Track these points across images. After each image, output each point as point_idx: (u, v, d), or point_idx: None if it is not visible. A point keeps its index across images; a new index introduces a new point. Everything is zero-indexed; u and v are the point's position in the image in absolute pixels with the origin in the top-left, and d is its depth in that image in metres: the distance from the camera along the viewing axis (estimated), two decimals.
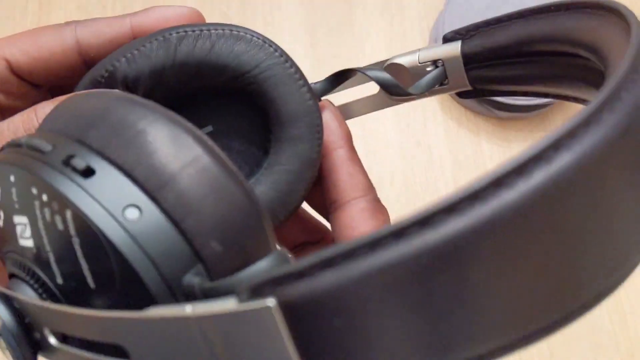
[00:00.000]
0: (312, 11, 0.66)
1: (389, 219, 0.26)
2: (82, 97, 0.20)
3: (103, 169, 0.17)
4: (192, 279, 0.17)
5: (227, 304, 0.13)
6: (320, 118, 0.26)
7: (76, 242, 0.17)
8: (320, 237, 0.28)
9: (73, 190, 0.17)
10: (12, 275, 0.19)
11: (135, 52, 0.24)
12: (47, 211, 0.17)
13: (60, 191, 0.16)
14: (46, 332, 0.17)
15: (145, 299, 0.16)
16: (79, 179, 0.17)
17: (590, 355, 0.55)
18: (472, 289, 0.11)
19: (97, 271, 0.17)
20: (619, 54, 0.16)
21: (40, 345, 0.18)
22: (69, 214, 0.17)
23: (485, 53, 0.25)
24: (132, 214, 0.16)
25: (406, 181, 0.60)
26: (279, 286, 0.12)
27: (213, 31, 0.24)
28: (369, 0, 0.66)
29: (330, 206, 0.27)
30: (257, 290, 0.13)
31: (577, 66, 0.22)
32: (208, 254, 0.17)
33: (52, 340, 0.17)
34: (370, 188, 0.26)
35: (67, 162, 0.17)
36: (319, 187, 0.27)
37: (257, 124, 0.27)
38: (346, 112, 0.30)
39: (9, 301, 0.17)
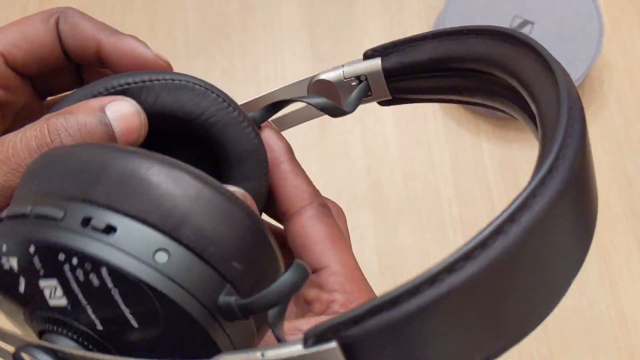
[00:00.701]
0: (312, 11, 0.66)
1: (334, 219, 0.29)
2: (67, 151, 0.21)
3: (121, 223, 0.19)
4: (227, 298, 0.19)
5: (295, 349, 0.16)
6: (265, 154, 0.28)
7: (115, 292, 0.18)
8: (282, 242, 0.30)
9: (102, 249, 0.18)
10: (43, 332, 0.20)
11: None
12: (79, 272, 0.18)
13: (92, 253, 0.18)
14: None
15: (190, 326, 0.18)
16: (104, 237, 0.18)
17: (590, 355, 0.55)
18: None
19: (139, 312, 0.18)
20: (540, 88, 0.21)
21: None
22: (104, 271, 0.18)
23: (403, 68, 0.28)
24: (161, 257, 0.18)
25: (406, 181, 0.60)
26: (338, 331, 0.15)
27: (156, 82, 0.26)
28: (369, 0, 0.66)
29: (282, 217, 0.29)
30: (321, 336, 0.16)
31: (490, 82, 0.25)
32: (232, 274, 0.19)
33: None
34: (314, 195, 0.28)
35: (86, 224, 0.19)
36: (272, 199, 0.29)
37: (208, 165, 0.28)
38: (282, 124, 0.32)
39: (55, 355, 0.18)
